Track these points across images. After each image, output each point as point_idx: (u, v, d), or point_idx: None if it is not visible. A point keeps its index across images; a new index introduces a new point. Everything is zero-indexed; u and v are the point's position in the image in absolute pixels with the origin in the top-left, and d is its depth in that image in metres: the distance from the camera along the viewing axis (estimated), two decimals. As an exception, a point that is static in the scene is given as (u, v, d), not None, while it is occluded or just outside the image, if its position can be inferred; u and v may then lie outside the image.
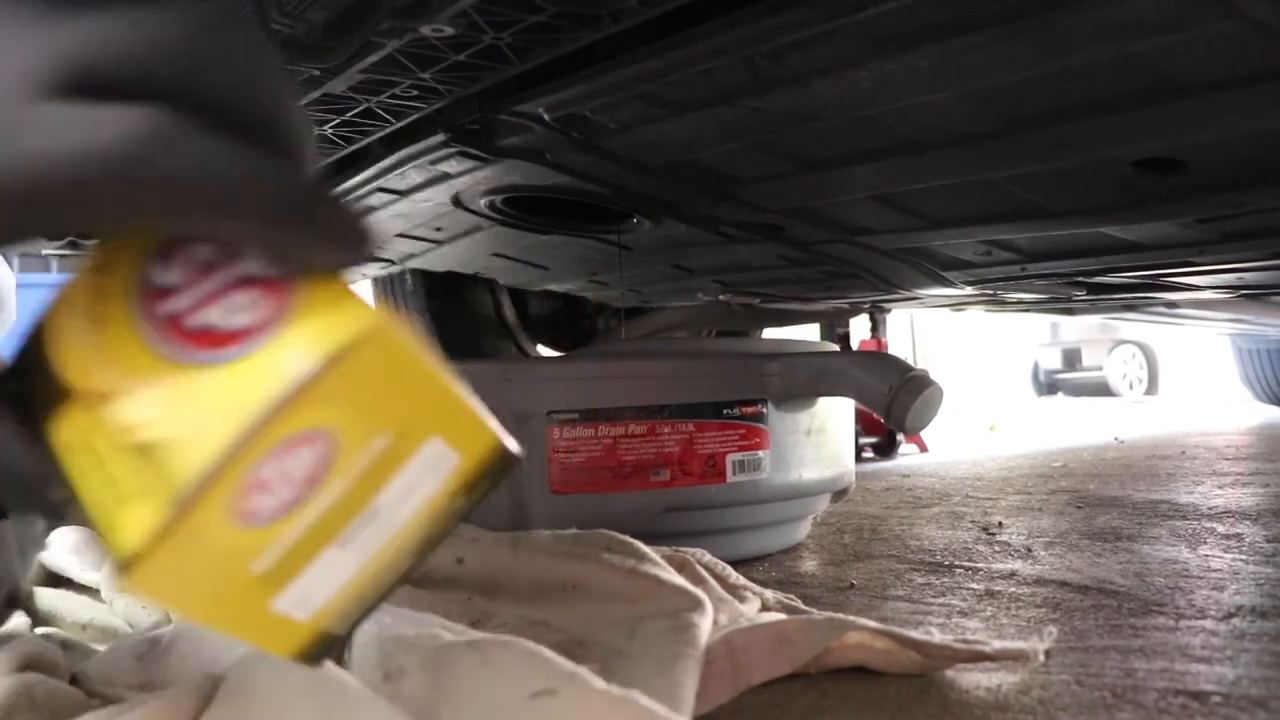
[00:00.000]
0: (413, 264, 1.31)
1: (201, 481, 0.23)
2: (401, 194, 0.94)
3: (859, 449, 1.85)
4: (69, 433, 0.26)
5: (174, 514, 0.24)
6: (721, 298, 1.40)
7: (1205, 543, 0.84)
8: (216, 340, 0.25)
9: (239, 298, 0.26)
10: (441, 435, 0.27)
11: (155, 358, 0.25)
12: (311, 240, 0.25)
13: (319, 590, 0.27)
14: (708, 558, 0.63)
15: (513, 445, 0.29)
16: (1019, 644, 0.49)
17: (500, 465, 0.29)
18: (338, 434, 0.25)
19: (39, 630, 0.58)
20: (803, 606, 0.59)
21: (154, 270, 0.26)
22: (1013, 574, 0.74)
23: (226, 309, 0.25)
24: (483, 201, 0.95)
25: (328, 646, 0.29)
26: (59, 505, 0.27)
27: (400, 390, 0.26)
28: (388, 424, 0.26)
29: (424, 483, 0.28)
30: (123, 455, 0.24)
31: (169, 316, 0.26)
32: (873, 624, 0.50)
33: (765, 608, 0.59)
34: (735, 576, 0.62)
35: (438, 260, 1.27)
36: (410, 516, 0.28)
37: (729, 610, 0.55)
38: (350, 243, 0.26)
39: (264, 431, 0.24)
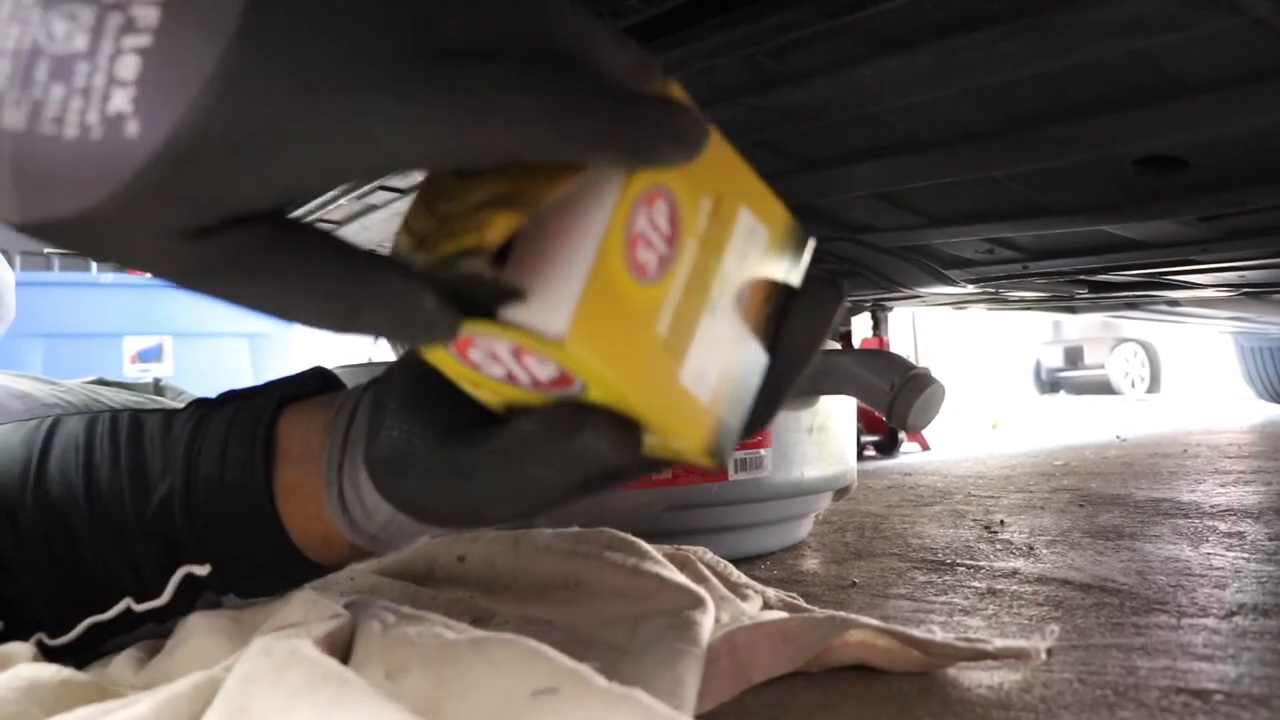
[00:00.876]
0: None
1: (599, 237, 0.28)
2: (403, 192, 0.94)
3: (860, 447, 1.85)
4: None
5: (587, 266, 0.28)
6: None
7: (1207, 541, 0.84)
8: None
9: None
10: (749, 207, 0.32)
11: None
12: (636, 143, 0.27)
13: (710, 365, 0.31)
14: (709, 556, 0.63)
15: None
16: (1021, 642, 0.49)
17: (797, 241, 0.34)
18: (676, 192, 0.30)
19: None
20: (804, 605, 0.59)
21: None
22: (1015, 572, 0.74)
23: None
24: (484, 200, 0.95)
25: (725, 440, 0.32)
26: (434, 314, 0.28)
27: (714, 162, 0.30)
28: (709, 190, 0.31)
29: (749, 252, 0.32)
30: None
31: None
32: (875, 622, 0.50)
33: (767, 606, 0.59)
34: (737, 574, 0.62)
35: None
36: (750, 286, 0.32)
37: (731, 608, 0.55)
38: (684, 137, 0.27)
39: (626, 189, 0.28)
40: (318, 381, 0.48)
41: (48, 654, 0.45)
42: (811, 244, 0.35)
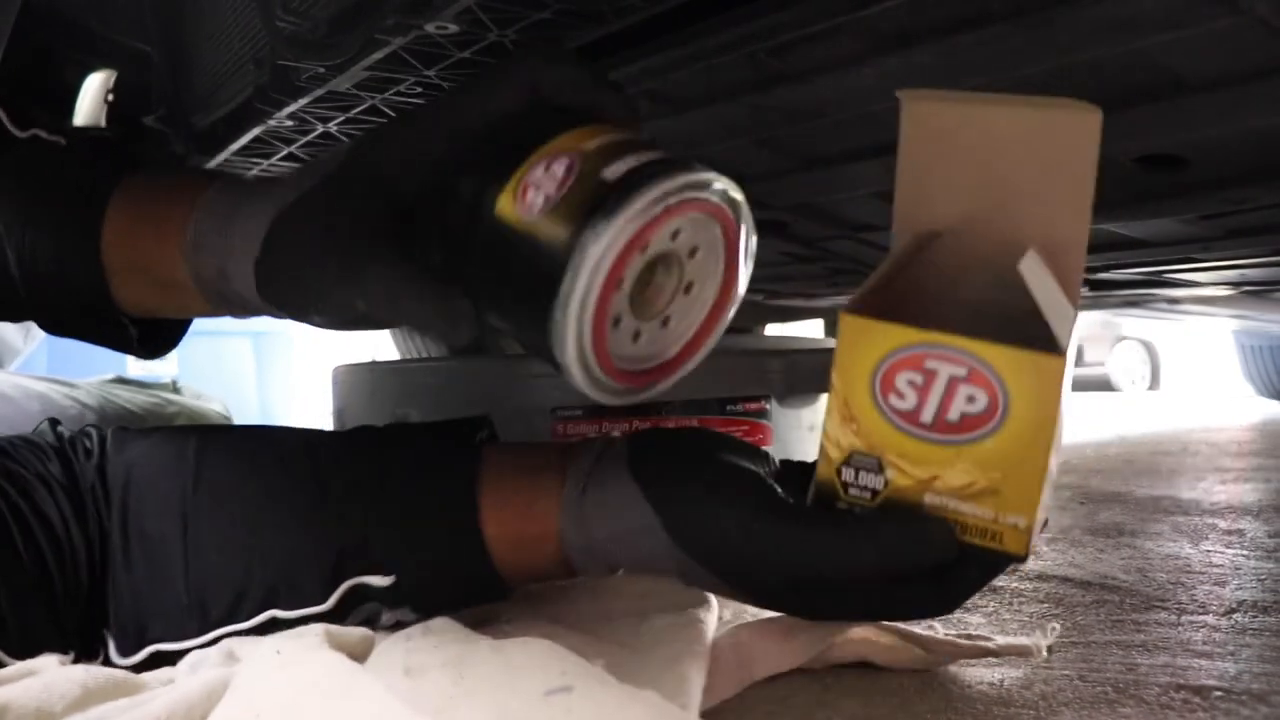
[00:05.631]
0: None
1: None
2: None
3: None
4: None
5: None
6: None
7: (1207, 538, 0.84)
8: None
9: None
10: None
11: None
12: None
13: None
14: (711, 553, 0.63)
15: None
16: (1022, 639, 0.49)
17: None
18: None
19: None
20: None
21: None
22: (1015, 569, 0.74)
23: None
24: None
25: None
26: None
27: None
28: None
29: None
30: None
31: None
32: None
33: (769, 603, 0.59)
34: (739, 572, 0.62)
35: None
36: None
37: (733, 605, 0.56)
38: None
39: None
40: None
41: (165, 659, 0.46)
42: None
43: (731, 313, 0.42)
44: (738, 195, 0.39)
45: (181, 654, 0.46)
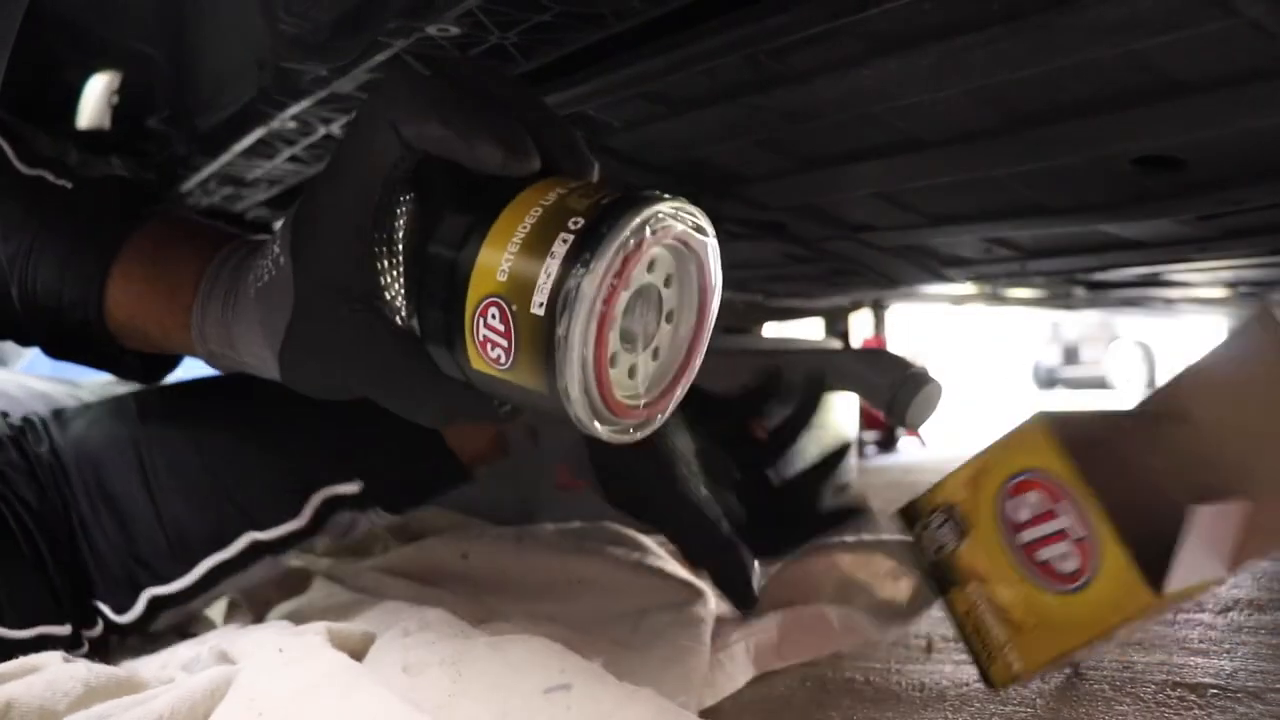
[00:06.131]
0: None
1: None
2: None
3: (860, 445, 1.85)
4: None
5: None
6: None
7: (1204, 537, 0.84)
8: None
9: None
10: None
11: None
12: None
13: None
14: (711, 552, 0.63)
15: None
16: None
17: None
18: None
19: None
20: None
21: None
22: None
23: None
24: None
25: None
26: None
27: None
28: None
29: None
30: None
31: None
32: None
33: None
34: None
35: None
36: None
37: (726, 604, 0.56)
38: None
39: None
40: None
41: (162, 605, 0.48)
42: None
43: (712, 321, 0.39)
44: (674, 217, 0.35)
45: (177, 597, 0.47)
